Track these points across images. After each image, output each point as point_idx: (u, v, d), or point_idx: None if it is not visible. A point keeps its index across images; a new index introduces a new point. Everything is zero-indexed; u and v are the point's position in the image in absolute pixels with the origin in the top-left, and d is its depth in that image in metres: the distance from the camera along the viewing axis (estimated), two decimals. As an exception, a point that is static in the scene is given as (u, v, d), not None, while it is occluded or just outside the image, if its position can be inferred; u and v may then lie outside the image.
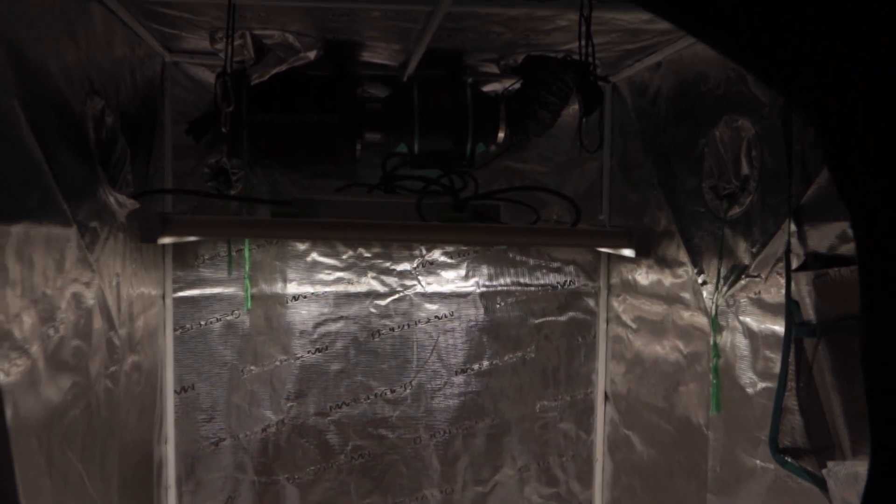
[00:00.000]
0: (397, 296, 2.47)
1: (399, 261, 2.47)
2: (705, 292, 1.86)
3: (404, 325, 2.48)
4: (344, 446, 2.46)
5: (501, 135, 2.17)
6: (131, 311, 1.88)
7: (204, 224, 1.99)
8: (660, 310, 2.14)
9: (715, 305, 1.79)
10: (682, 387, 1.99)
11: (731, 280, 1.72)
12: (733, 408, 1.73)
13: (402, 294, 2.48)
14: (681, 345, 2.01)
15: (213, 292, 2.35)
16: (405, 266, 2.47)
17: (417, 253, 2.48)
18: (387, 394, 2.48)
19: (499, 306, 2.51)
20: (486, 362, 2.52)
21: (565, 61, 2.05)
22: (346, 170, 2.32)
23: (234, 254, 2.33)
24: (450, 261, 2.49)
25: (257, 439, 2.40)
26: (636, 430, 2.32)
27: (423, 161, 2.16)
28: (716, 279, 1.78)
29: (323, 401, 2.44)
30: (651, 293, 2.20)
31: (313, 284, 2.42)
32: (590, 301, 2.55)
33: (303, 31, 1.91)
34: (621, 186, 2.41)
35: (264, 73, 1.97)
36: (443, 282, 2.50)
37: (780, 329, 1.47)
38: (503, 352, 2.52)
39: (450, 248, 2.48)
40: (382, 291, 2.46)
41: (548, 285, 2.53)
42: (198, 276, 2.34)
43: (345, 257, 2.44)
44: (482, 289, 2.51)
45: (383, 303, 2.47)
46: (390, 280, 2.47)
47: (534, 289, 2.53)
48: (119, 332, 1.74)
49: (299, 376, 2.42)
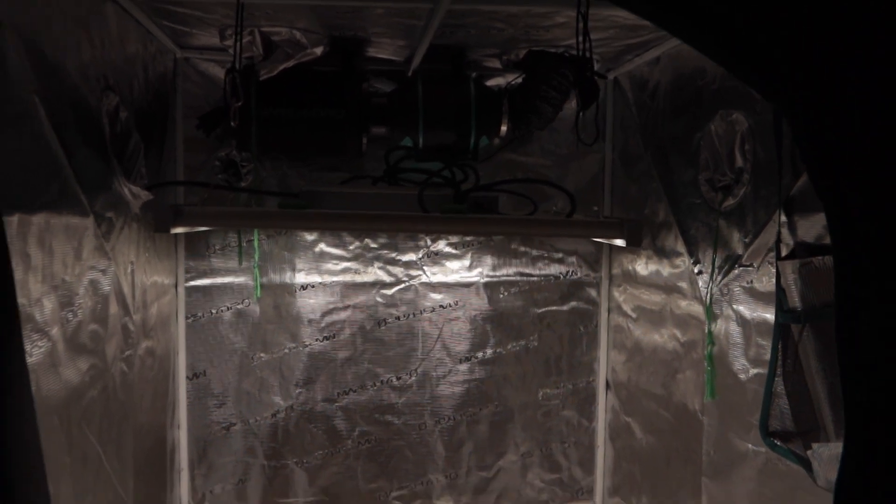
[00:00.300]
0: (403, 285, 2.52)
1: (405, 251, 2.52)
2: (701, 282, 1.90)
3: (410, 314, 2.53)
4: (351, 432, 2.52)
5: (504, 128, 2.20)
6: (145, 298, 1.95)
7: (214, 215, 2.03)
8: (658, 299, 2.18)
9: (710, 294, 1.83)
10: (680, 374, 2.04)
11: (725, 269, 1.76)
12: (727, 394, 1.77)
13: (407, 284, 2.53)
14: (678, 333, 2.05)
15: (224, 282, 2.41)
16: (411, 256, 2.52)
17: (423, 244, 2.52)
18: (393, 381, 2.53)
19: (502, 296, 2.56)
20: (490, 351, 2.56)
21: (565, 57, 2.09)
22: (353, 163, 2.37)
23: (244, 244, 2.40)
24: (454, 251, 2.54)
25: (267, 424, 2.47)
26: (636, 417, 2.36)
27: (428, 154, 2.20)
28: (711, 269, 1.82)
29: (331, 387, 2.50)
30: (650, 283, 2.24)
31: (321, 274, 2.48)
32: (591, 291, 2.59)
33: (310, 28, 1.95)
34: (622, 179, 2.45)
35: (272, 69, 2.02)
36: (447, 272, 2.54)
37: (772, 317, 1.50)
38: (506, 340, 2.57)
39: (454, 239, 2.53)
40: (388, 281, 2.52)
41: (550, 276, 2.57)
42: (209, 265, 2.40)
43: (352, 248, 2.49)
44: (486, 279, 2.55)
45: (389, 292, 2.52)
46: (396, 270, 2.52)
47: (536, 279, 2.57)
48: (133, 317, 1.80)
49: (308, 363, 2.48)
